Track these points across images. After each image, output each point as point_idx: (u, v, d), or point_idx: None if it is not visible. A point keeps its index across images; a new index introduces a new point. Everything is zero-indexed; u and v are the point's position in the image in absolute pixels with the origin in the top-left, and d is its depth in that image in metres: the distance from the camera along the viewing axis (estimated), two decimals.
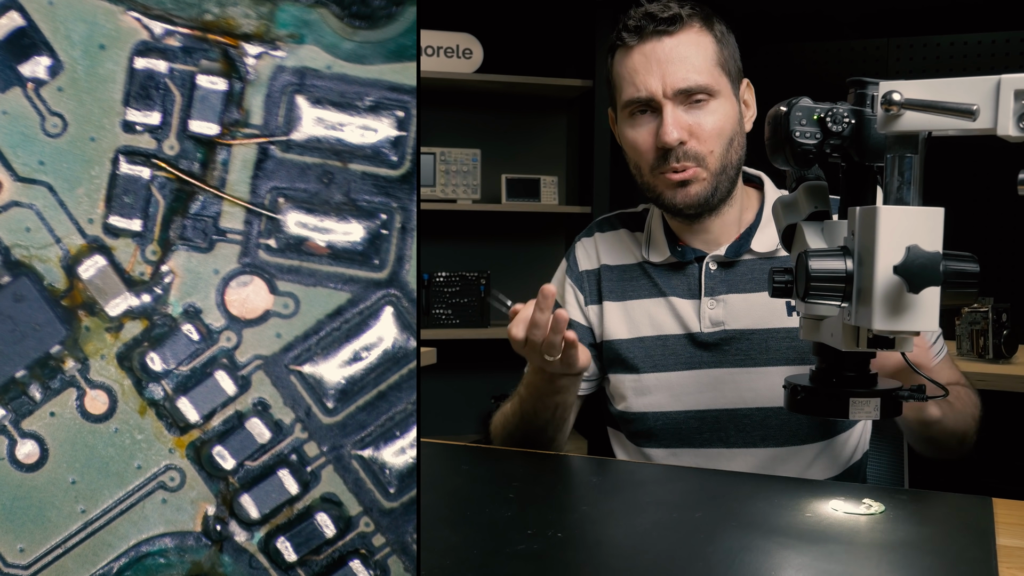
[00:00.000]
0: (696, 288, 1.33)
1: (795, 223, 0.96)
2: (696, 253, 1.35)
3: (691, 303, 1.33)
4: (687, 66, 1.23)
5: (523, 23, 3.40)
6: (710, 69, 1.25)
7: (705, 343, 1.31)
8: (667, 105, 1.24)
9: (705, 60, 1.25)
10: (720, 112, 1.26)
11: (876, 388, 0.88)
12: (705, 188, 1.27)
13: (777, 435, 1.29)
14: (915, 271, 0.74)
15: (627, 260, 1.40)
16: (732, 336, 1.30)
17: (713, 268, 1.33)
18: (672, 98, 1.24)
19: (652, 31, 1.24)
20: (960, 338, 2.41)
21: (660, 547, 0.85)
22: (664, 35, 1.24)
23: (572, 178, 3.50)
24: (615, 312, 1.38)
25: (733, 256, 1.33)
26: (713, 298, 1.32)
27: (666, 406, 1.33)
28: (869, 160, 0.88)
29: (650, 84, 1.24)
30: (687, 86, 1.23)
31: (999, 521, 0.91)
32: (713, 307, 1.31)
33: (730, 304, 1.31)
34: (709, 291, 1.32)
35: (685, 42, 1.24)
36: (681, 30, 1.24)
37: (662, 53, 1.24)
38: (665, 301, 1.35)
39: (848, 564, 0.80)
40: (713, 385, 1.31)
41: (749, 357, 1.29)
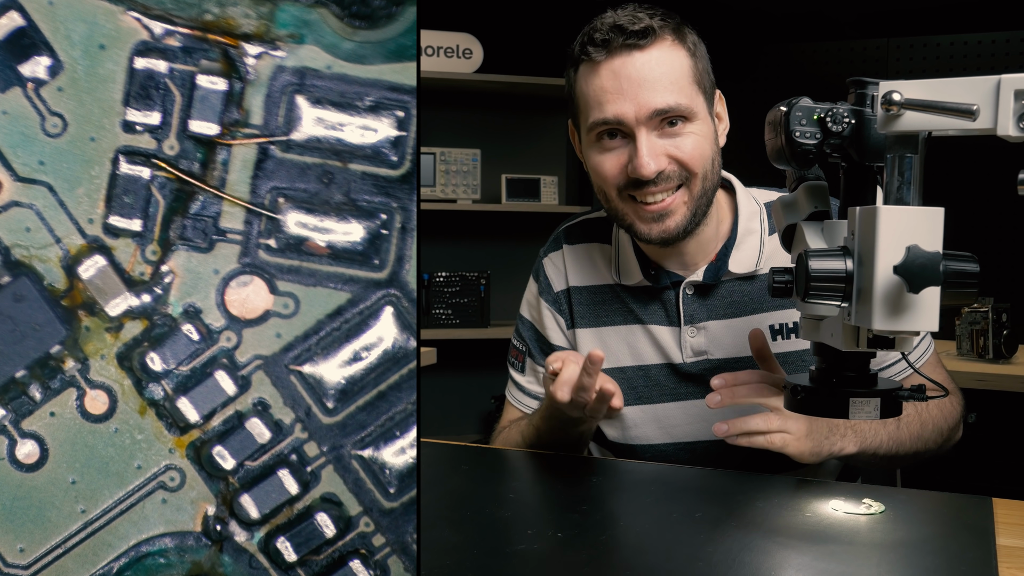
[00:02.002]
0: (675, 315, 1.24)
1: (795, 223, 0.96)
2: (672, 277, 1.25)
3: (670, 331, 1.25)
4: (661, 86, 1.11)
5: (523, 23, 3.40)
6: (686, 88, 1.13)
7: (688, 374, 1.24)
8: (641, 132, 1.12)
9: (681, 77, 1.13)
10: (699, 134, 1.15)
11: (876, 388, 0.88)
12: (684, 217, 1.17)
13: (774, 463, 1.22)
14: (915, 271, 0.74)
15: (597, 280, 1.30)
16: (716, 366, 1.22)
17: (690, 293, 1.24)
18: (646, 123, 1.12)
19: (621, 45, 1.12)
20: (960, 338, 2.41)
21: (660, 547, 0.85)
22: (635, 49, 1.12)
23: (572, 178, 3.50)
24: (589, 340, 1.29)
25: (711, 280, 1.23)
26: (693, 326, 1.23)
27: (654, 439, 1.27)
28: (869, 160, 0.88)
29: (621, 107, 1.12)
30: (664, 106, 1.11)
31: (999, 521, 0.91)
32: (694, 335, 1.23)
33: (711, 331, 1.23)
34: (688, 319, 1.23)
35: (658, 58, 1.12)
36: (653, 44, 1.12)
37: (633, 70, 1.11)
38: (642, 329, 1.26)
39: (848, 564, 0.80)
40: (701, 416, 1.23)
41: None
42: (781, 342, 1.21)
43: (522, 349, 1.37)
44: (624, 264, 1.27)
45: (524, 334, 1.38)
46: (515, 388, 1.38)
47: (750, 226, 1.25)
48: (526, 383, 1.36)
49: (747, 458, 1.21)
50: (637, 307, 1.27)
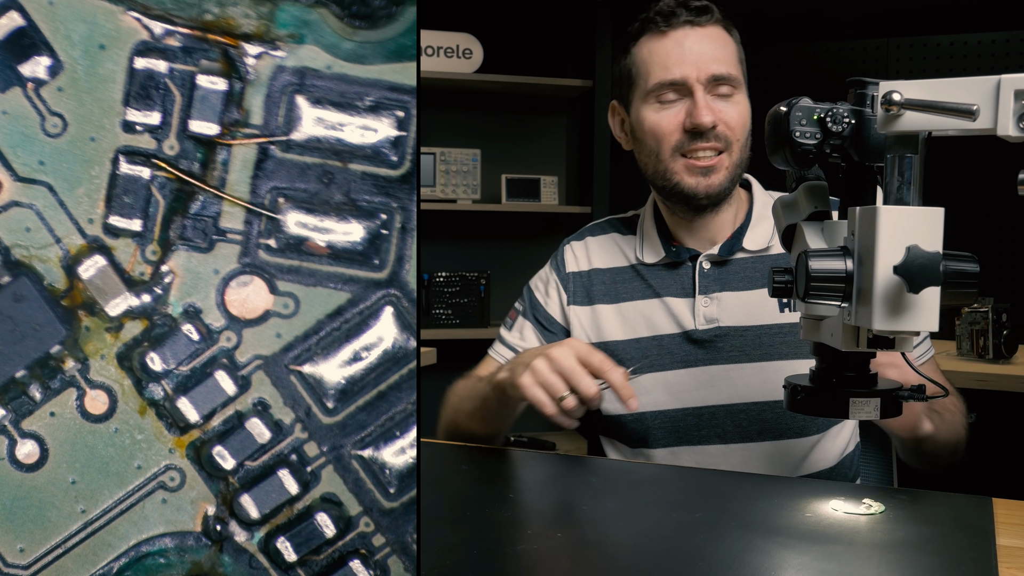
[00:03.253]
0: (690, 287, 1.35)
1: (795, 223, 0.96)
2: (690, 252, 1.36)
3: (685, 301, 1.34)
4: (718, 55, 1.27)
5: (523, 23, 3.40)
6: (735, 63, 1.29)
7: (699, 340, 1.32)
8: (699, 89, 1.26)
9: (730, 54, 1.29)
10: (743, 105, 1.30)
11: (876, 388, 0.88)
12: (725, 177, 1.29)
13: (773, 429, 1.30)
14: (915, 271, 0.74)
15: (619, 263, 1.42)
16: (726, 332, 1.31)
17: (707, 267, 1.34)
18: (704, 83, 1.26)
19: (684, 20, 1.27)
20: (960, 338, 2.41)
21: (660, 547, 0.85)
22: (696, 25, 1.27)
23: (572, 178, 3.50)
24: (609, 314, 1.39)
25: (726, 254, 1.34)
26: (707, 296, 1.33)
27: (663, 404, 1.33)
28: (869, 160, 0.88)
29: (683, 68, 1.26)
30: (720, 72, 1.26)
31: (999, 521, 0.91)
32: (707, 305, 1.33)
33: (724, 302, 1.33)
34: (703, 289, 1.33)
35: (713, 34, 1.28)
36: (710, 23, 1.28)
37: (695, 41, 1.27)
38: (659, 302, 1.36)
39: (848, 564, 0.80)
40: (709, 382, 1.32)
41: (743, 353, 1.30)
42: (788, 314, 1.31)
43: (519, 309, 1.47)
44: (648, 243, 1.40)
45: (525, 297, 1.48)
46: (499, 343, 1.46)
47: (764, 212, 1.37)
48: (510, 338, 1.44)
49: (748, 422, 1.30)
50: (656, 282, 1.37)
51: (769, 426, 1.30)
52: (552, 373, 1.04)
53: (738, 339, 1.31)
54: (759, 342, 1.30)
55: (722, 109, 1.27)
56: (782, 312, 1.31)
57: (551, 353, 1.05)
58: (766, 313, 1.31)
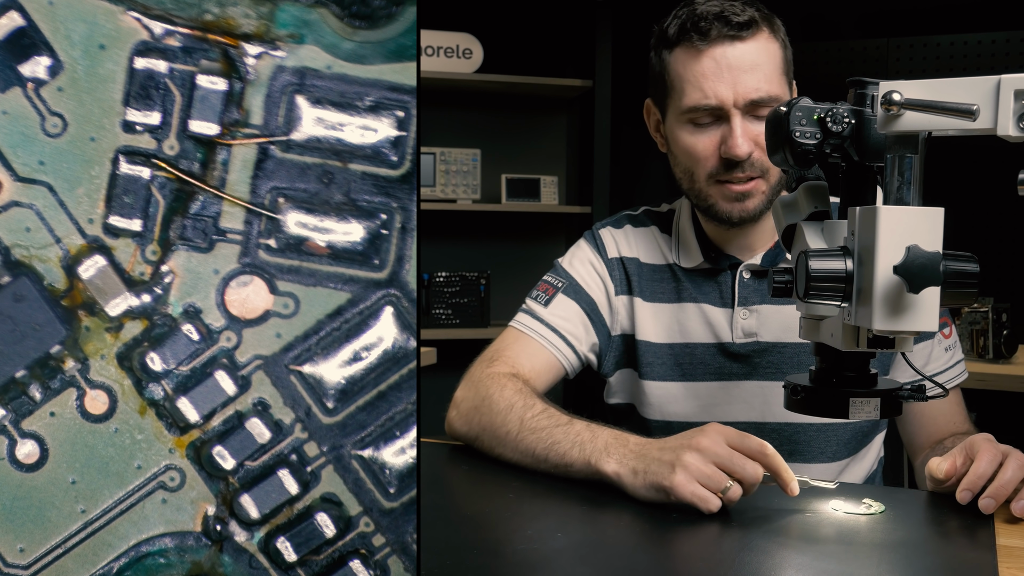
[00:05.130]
0: (729, 297, 1.28)
1: (795, 223, 0.96)
2: (730, 260, 1.29)
3: (723, 312, 1.28)
4: (759, 76, 1.17)
5: (523, 23, 3.40)
6: (778, 78, 1.20)
7: (736, 354, 1.26)
8: (736, 115, 1.17)
9: (775, 69, 1.19)
10: None
11: (876, 388, 0.88)
12: (762, 201, 1.22)
13: (805, 451, 1.25)
14: (915, 271, 0.74)
15: (658, 260, 1.34)
16: (764, 348, 1.25)
17: (747, 277, 1.27)
18: (741, 108, 1.17)
19: (724, 35, 1.16)
20: (960, 338, 2.41)
21: (660, 547, 0.85)
22: (736, 40, 1.17)
23: (572, 178, 3.50)
24: (647, 312, 1.31)
25: (769, 264, 1.27)
26: (746, 308, 1.26)
27: (692, 416, 1.28)
28: (869, 160, 0.88)
29: (720, 92, 1.17)
30: (759, 97, 1.17)
31: (999, 521, 0.91)
32: (746, 317, 1.26)
33: (763, 315, 1.26)
34: (743, 300, 1.27)
35: (756, 49, 1.18)
36: (753, 36, 1.17)
37: (734, 60, 1.17)
38: (696, 308, 1.29)
39: (848, 564, 0.80)
40: (743, 397, 1.26)
41: (780, 371, 1.24)
42: None
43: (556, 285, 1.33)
44: (685, 246, 1.31)
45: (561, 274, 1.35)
46: (531, 318, 1.31)
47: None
48: (548, 315, 1.30)
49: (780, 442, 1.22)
50: (692, 287, 1.30)
51: (800, 448, 1.25)
52: (709, 465, 0.93)
53: (776, 355, 1.25)
54: (797, 360, 1.24)
55: (760, 133, 1.16)
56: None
57: (700, 444, 0.94)
58: None
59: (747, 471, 0.92)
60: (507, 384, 1.19)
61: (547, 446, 1.07)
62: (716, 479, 0.92)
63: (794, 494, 0.94)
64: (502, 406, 1.15)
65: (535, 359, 1.28)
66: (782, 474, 0.93)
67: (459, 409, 1.22)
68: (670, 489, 0.93)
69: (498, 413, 1.15)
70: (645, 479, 0.96)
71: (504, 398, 1.16)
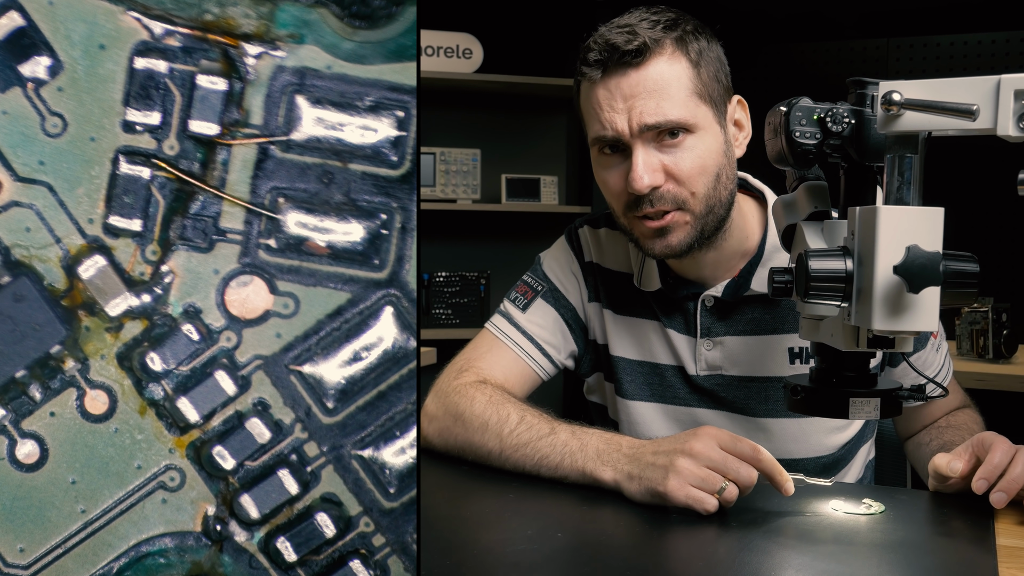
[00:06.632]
0: (692, 325, 1.20)
1: (795, 223, 0.96)
2: (690, 288, 1.20)
3: (686, 340, 1.21)
4: (657, 100, 1.07)
5: (523, 23, 3.40)
6: (685, 101, 1.08)
7: (700, 387, 1.21)
8: (636, 146, 1.08)
9: (679, 90, 1.08)
10: (700, 148, 1.09)
11: (876, 388, 0.88)
12: (688, 234, 1.11)
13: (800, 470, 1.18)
14: (915, 271, 0.74)
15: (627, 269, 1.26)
16: (728, 383, 1.18)
17: (709, 306, 1.19)
18: (640, 136, 1.08)
19: (616, 63, 1.08)
20: (960, 338, 2.41)
21: (660, 547, 0.85)
22: (629, 68, 1.08)
23: (572, 178, 3.50)
24: (616, 326, 1.26)
25: (731, 297, 1.18)
26: (710, 339, 1.19)
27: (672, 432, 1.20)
28: (869, 160, 0.88)
29: (616, 122, 1.08)
30: (656, 121, 1.07)
31: (999, 521, 0.91)
32: (710, 348, 1.19)
33: (728, 347, 1.19)
34: (705, 332, 1.19)
35: (654, 74, 1.08)
36: (649, 60, 1.08)
37: (628, 88, 1.08)
38: (661, 328, 1.22)
39: (848, 564, 0.80)
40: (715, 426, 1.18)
41: (747, 407, 1.18)
42: (799, 366, 1.18)
43: (536, 289, 1.28)
44: (646, 269, 1.23)
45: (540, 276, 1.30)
46: (507, 322, 1.26)
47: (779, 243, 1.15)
48: (524, 321, 1.26)
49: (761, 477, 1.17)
50: (658, 308, 1.23)
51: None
52: (703, 469, 0.92)
53: (741, 391, 1.18)
54: (764, 396, 1.17)
55: (670, 163, 1.08)
56: (792, 364, 1.17)
57: (692, 448, 0.93)
58: (775, 364, 1.17)
59: (741, 475, 0.91)
60: (476, 396, 1.14)
61: (535, 461, 1.05)
62: (711, 482, 0.91)
63: (790, 494, 0.93)
64: (476, 424, 1.11)
65: (509, 370, 1.23)
66: (776, 476, 0.93)
67: (432, 425, 1.18)
68: (664, 495, 0.92)
69: (474, 431, 1.11)
70: (641, 484, 0.95)
71: (475, 415, 1.12)
